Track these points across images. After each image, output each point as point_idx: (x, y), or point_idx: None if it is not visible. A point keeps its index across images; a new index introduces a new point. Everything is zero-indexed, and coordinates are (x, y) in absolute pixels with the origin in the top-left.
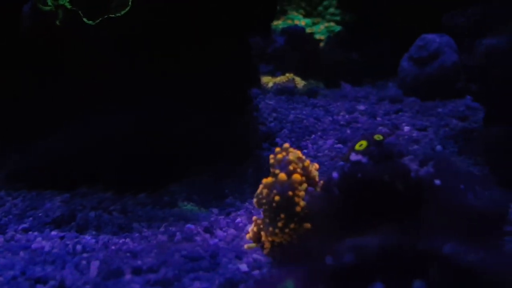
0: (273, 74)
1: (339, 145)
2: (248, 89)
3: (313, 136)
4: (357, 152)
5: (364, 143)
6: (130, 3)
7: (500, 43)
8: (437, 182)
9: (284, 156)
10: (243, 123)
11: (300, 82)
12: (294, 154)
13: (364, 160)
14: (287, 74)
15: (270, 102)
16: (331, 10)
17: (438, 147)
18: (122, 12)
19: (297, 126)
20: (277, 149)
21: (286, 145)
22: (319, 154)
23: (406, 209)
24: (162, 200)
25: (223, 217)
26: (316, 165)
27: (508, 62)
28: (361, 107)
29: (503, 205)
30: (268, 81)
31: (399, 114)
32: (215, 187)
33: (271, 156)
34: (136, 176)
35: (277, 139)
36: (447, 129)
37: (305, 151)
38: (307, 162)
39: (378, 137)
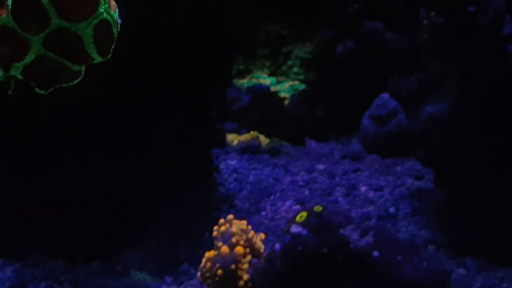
0: (239, 132)
1: (297, 207)
2: (208, 150)
3: (272, 197)
4: (298, 224)
5: (304, 214)
6: (83, 72)
7: (440, 111)
8: (376, 253)
9: (227, 228)
10: (202, 186)
11: (264, 140)
12: (238, 225)
13: (304, 232)
14: (252, 132)
15: (231, 162)
16: (295, 69)
17: (391, 209)
18: (75, 81)
19: (257, 187)
20: (221, 220)
21: (230, 216)
22: (277, 216)
23: (346, 281)
24: (114, 269)
25: (175, 287)
26: (262, 235)
27: (448, 129)
28: (321, 167)
29: (441, 277)
30: (233, 138)
31: (357, 173)
32: (170, 253)
33: (215, 227)
34: (90, 242)
35: (236, 201)
36: (402, 189)
37: (263, 213)
38: (252, 233)
39: (317, 208)
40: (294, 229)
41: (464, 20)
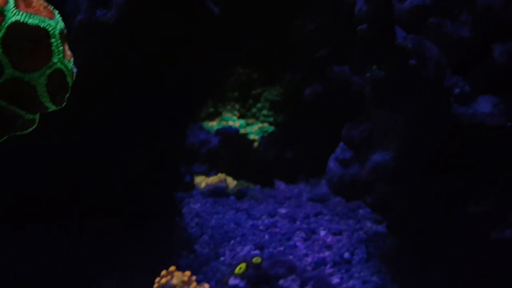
0: (207, 174)
1: (256, 251)
2: (171, 194)
3: (232, 242)
4: (236, 276)
5: (243, 266)
6: (37, 121)
7: (386, 159)
8: None
9: (168, 280)
10: (162, 231)
11: (232, 182)
12: (179, 277)
13: (241, 284)
14: (219, 175)
15: (195, 207)
16: (265, 111)
17: (346, 254)
18: (29, 130)
19: (218, 231)
20: (163, 272)
21: (172, 268)
22: (234, 262)
23: None
24: None
25: None
26: (206, 286)
27: (393, 177)
28: (283, 210)
29: None
30: (201, 181)
31: (318, 217)
32: None
33: (156, 279)
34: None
35: (196, 246)
36: (361, 233)
37: (222, 258)
38: (194, 284)
39: (256, 260)
40: (232, 281)
41: (406, 73)
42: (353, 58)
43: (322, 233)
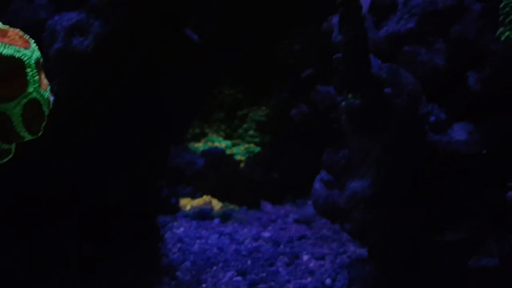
0: (193, 196)
1: (238, 278)
2: (153, 219)
3: (214, 268)
4: None
5: None
6: (13, 150)
7: (363, 187)
8: None
9: None
10: (144, 257)
11: (217, 204)
12: None
13: None
14: (204, 197)
15: (178, 231)
16: (251, 132)
17: (328, 281)
18: (5, 160)
19: (200, 257)
20: None
21: None
22: None
23: None
24: None
25: None
26: None
27: (370, 205)
28: (267, 234)
29: None
30: (187, 203)
31: (302, 240)
32: None
33: None
34: None
35: (178, 273)
36: (344, 257)
37: (204, 285)
38: None
39: None
40: None
41: (381, 101)
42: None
43: (305, 257)
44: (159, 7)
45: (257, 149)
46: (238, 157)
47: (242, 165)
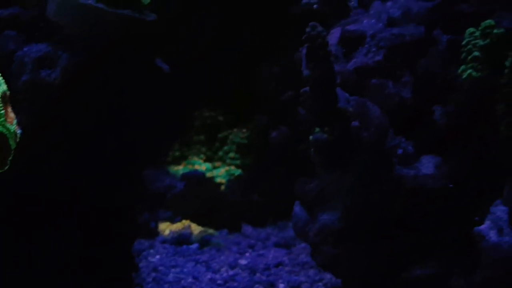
0: (173, 220)
1: None
2: (128, 248)
3: None
4: None
5: None
6: (9, 162)
7: (332, 220)
8: None
9: None
10: None
11: (196, 229)
12: None
13: None
14: (183, 221)
15: (153, 260)
16: (231, 154)
17: None
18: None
19: (175, 287)
20: None
21: None
22: None
23: None
24: None
25: None
26: None
27: (339, 239)
28: (243, 261)
29: None
30: (166, 228)
31: (279, 267)
32: None
33: None
34: None
35: None
36: (320, 284)
37: None
38: None
39: None
40: None
41: (349, 135)
42: None
43: (281, 286)
44: (129, 40)
45: (238, 172)
46: (218, 180)
47: (222, 187)
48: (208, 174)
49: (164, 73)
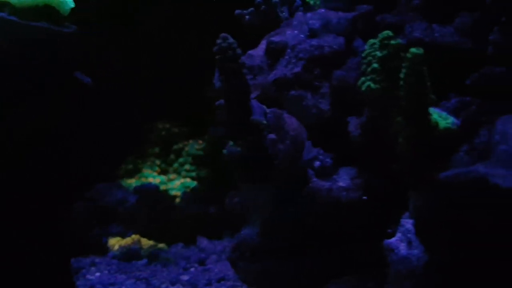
0: (125, 235)
1: None
2: (64, 266)
3: None
4: None
5: None
6: None
7: (251, 235)
8: None
9: None
10: None
11: (146, 243)
12: None
13: None
14: (133, 236)
15: (91, 277)
16: (187, 166)
17: None
18: None
19: None
20: None
21: None
22: None
23: None
24: None
25: None
26: None
27: (257, 253)
28: (185, 277)
29: None
30: (115, 243)
31: (221, 282)
32: None
33: None
34: None
35: None
36: None
37: None
38: None
39: None
40: None
41: (263, 149)
42: None
43: None
44: (46, 52)
45: (193, 184)
46: (173, 192)
47: (178, 200)
48: (162, 187)
49: (86, 86)
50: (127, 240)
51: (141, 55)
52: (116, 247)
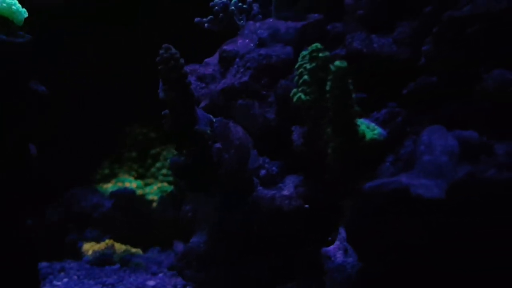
0: (100, 239)
1: None
2: (32, 271)
3: None
4: None
5: None
6: None
7: (198, 243)
8: None
9: None
10: None
11: (120, 248)
12: None
13: None
14: (107, 241)
15: (58, 283)
16: (164, 171)
17: None
18: None
19: None
20: None
21: None
22: None
23: None
24: None
25: None
26: None
27: (204, 261)
28: (151, 283)
29: None
30: (89, 248)
31: None
32: None
33: None
34: None
35: None
36: None
37: None
38: None
39: None
40: None
41: (207, 158)
42: None
43: None
44: None
45: (171, 188)
46: (150, 197)
47: (154, 205)
48: (139, 192)
49: (41, 94)
50: (101, 245)
51: (120, 59)
52: (90, 252)
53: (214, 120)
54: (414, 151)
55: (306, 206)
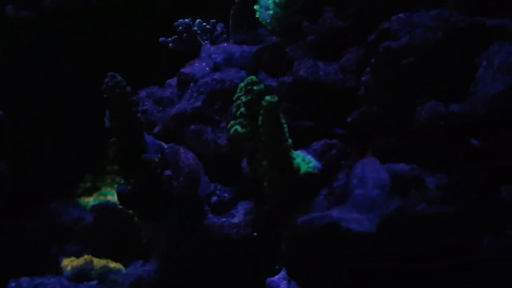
0: (80, 254)
1: None
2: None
3: None
4: None
5: None
6: None
7: (149, 271)
8: None
9: None
10: None
11: (98, 263)
12: None
13: None
14: (85, 256)
15: None
16: None
17: None
18: None
19: None
20: None
21: None
22: None
23: None
24: None
25: None
26: None
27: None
28: None
29: None
30: (68, 263)
31: None
32: None
33: None
34: None
35: None
36: None
37: None
38: None
39: None
40: None
41: (157, 186)
42: None
43: None
44: None
45: None
46: None
47: (136, 218)
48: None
49: None
50: (79, 261)
51: (103, 68)
52: (69, 268)
53: (166, 147)
54: (347, 184)
55: (255, 234)
